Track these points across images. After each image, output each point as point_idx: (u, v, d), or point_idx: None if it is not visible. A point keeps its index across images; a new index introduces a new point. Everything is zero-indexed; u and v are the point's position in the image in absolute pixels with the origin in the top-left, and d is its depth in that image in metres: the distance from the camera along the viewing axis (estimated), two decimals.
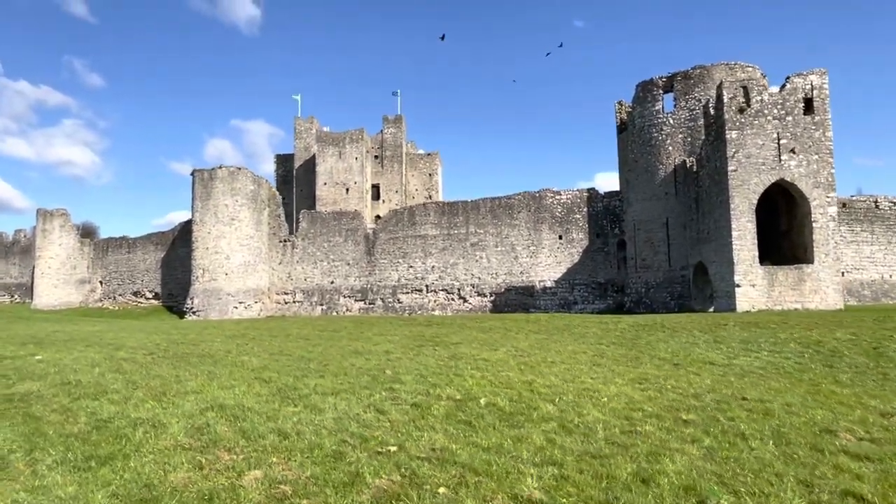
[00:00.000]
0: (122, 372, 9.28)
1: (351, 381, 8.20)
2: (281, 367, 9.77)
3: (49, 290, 50.55)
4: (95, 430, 5.83)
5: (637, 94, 33.65)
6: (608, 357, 10.75)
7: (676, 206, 31.34)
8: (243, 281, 40.15)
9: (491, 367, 9.45)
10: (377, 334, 15.70)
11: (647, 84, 33.18)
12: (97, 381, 8.36)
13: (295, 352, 11.84)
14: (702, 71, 31.34)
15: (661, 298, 31.60)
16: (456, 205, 39.28)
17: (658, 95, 32.67)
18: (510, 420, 6.49)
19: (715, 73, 31.00)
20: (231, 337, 14.97)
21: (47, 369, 9.36)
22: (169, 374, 8.98)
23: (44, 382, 8.23)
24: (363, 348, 12.38)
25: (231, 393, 7.53)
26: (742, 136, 23.72)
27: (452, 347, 12.24)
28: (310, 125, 75.26)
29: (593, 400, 7.33)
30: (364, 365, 10.04)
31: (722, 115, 24.19)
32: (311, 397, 7.25)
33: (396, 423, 6.27)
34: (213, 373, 9.07)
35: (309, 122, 75.48)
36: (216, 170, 40.53)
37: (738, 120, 23.79)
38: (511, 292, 37.07)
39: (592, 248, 36.03)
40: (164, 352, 11.65)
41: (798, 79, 23.60)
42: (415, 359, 10.58)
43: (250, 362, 10.22)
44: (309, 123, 75.50)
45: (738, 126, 23.80)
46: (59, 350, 11.47)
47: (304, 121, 75.48)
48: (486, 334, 15.29)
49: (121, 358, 10.77)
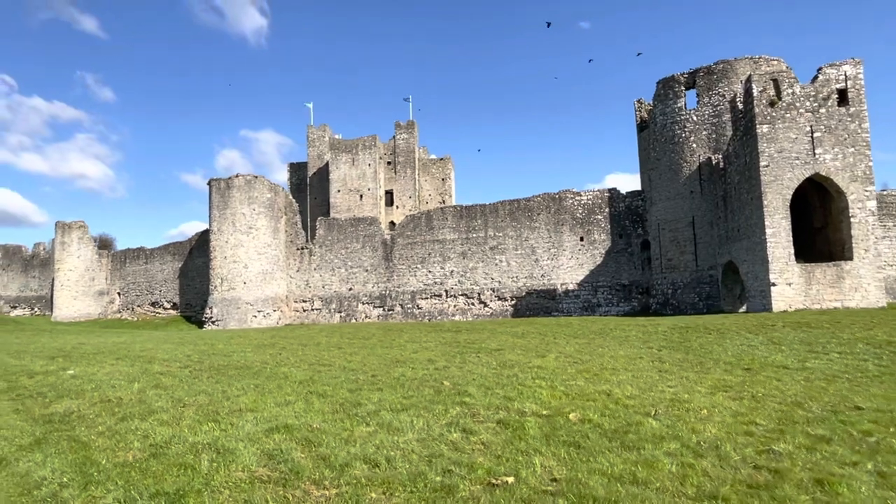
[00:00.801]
0: (163, 387, 8.93)
1: (412, 395, 7.71)
2: (328, 380, 9.35)
3: (68, 302, 50.81)
4: (153, 457, 5.35)
5: (658, 92, 32.99)
6: (668, 362, 10.14)
7: (702, 205, 30.59)
8: (261, 290, 39.96)
9: (551, 375, 8.90)
10: (409, 341, 15.22)
11: (668, 81, 32.53)
12: (140, 399, 8.01)
13: (334, 362, 11.43)
14: (725, 66, 30.64)
15: (689, 299, 30.81)
16: (474, 208, 38.80)
17: (680, 92, 32.00)
18: (620, 440, 5.89)
19: (739, 68, 30.32)
20: (260, 347, 14.57)
21: (83, 385, 9.03)
22: (213, 390, 8.58)
23: (83, 400, 7.89)
24: (402, 356, 11.93)
25: (290, 410, 7.05)
26: (773, 131, 23.00)
27: (496, 354, 11.72)
28: (322, 133, 75.45)
29: (691, 412, 6.75)
30: (414, 375, 9.58)
31: (752, 109, 23.50)
32: (380, 414, 6.72)
33: (492, 445, 5.68)
34: (260, 387, 8.65)
35: (321, 130, 75.67)
36: (233, 178, 40.48)
37: (769, 114, 23.09)
38: (532, 296, 36.45)
39: (615, 249, 35.34)
40: (199, 364, 11.29)
41: (831, 69, 22.86)
42: (463, 367, 10.07)
43: (293, 374, 9.78)
44: (321, 131, 75.69)
45: (769, 120, 23.09)
46: (90, 364, 11.16)
47: (316, 129, 75.69)
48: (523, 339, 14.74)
49: (157, 372, 10.41)
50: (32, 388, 8.91)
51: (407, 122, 72.34)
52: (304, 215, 60.76)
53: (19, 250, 62.57)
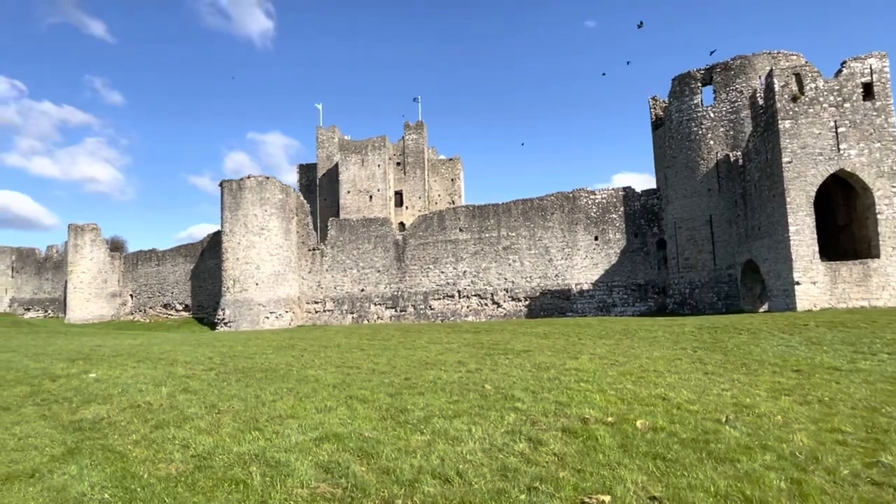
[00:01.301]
0: (192, 392, 8.67)
1: (457, 399, 7.36)
2: (362, 383, 9.05)
3: (82, 305, 51.04)
4: (197, 470, 4.99)
5: (674, 89, 32.54)
6: (710, 363, 9.73)
7: (720, 203, 30.11)
8: (273, 291, 39.86)
9: (593, 378, 8.55)
10: (430, 342, 14.92)
11: (683, 77, 32.08)
12: (170, 404, 7.75)
13: (360, 364, 11.17)
14: (742, 61, 30.14)
15: (708, 299, 30.31)
16: (486, 208, 38.48)
17: (696, 88, 31.54)
18: (704, 450, 5.40)
19: (757, 63, 29.82)
20: (280, 348, 14.32)
21: (109, 389, 8.79)
22: (245, 394, 8.31)
23: (111, 405, 7.66)
24: (429, 358, 11.65)
25: (334, 417, 6.71)
26: (796, 126, 22.51)
27: (526, 356, 11.36)
28: (332, 134, 75.48)
29: (764, 418, 6.30)
30: (449, 378, 9.25)
31: (773, 104, 23.02)
32: (431, 421, 6.32)
33: (566, 457, 5.21)
34: (294, 391, 8.36)
35: (331, 132, 75.71)
36: (244, 180, 40.42)
37: (792, 109, 22.60)
38: (546, 296, 36.07)
39: (630, 248, 34.88)
40: (223, 367, 11.06)
41: (855, 63, 22.34)
42: (497, 370, 9.74)
43: (324, 378, 9.51)
44: (331, 132, 75.73)
45: (791, 115, 22.61)
46: (111, 367, 10.96)
47: (325, 130, 75.74)
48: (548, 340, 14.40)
49: (182, 375, 10.16)
50: (56, 393, 8.66)
51: (416, 123, 72.20)
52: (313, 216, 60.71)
53: (33, 253, 63.05)
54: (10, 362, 11.94)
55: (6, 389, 9.15)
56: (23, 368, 11.02)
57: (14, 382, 9.63)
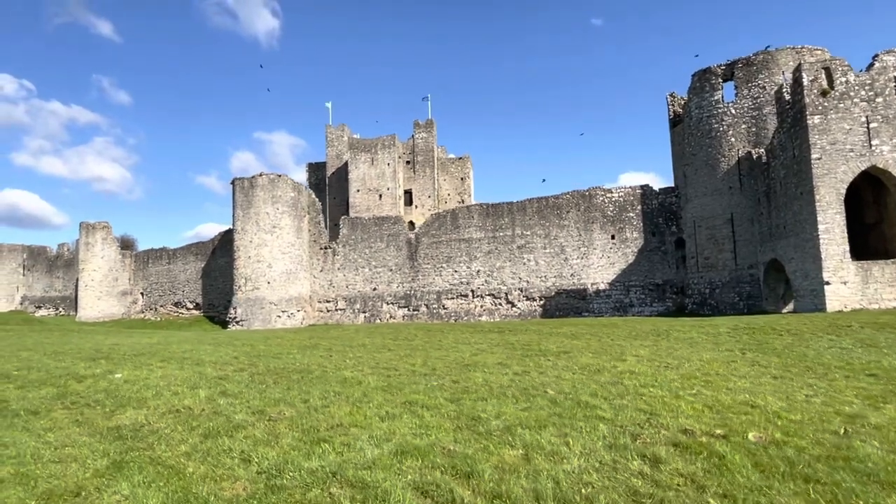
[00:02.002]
0: (231, 395, 8.22)
1: (527, 406, 6.82)
2: (410, 385, 8.60)
3: (92, 303, 51.01)
4: (270, 491, 4.41)
5: (693, 84, 31.92)
6: (771, 367, 9.19)
7: (742, 201, 29.47)
8: (285, 289, 39.57)
9: (657, 382, 8.00)
10: (457, 342, 14.43)
11: (704, 73, 31.46)
12: (213, 409, 7.29)
13: (396, 365, 10.73)
14: (765, 56, 29.49)
15: (729, 299, 29.68)
16: (501, 206, 38.00)
17: (717, 84, 30.92)
18: (851, 469, 4.72)
19: (780, 59, 29.18)
20: (304, 348, 13.91)
21: (141, 392, 8.38)
22: (290, 398, 7.86)
23: (148, 410, 7.25)
24: (466, 359, 11.22)
25: (403, 426, 6.18)
26: (826, 122, 21.90)
27: (566, 357, 10.86)
28: (341, 133, 75.24)
29: (883, 430, 5.69)
30: (500, 381, 8.76)
31: (802, 99, 22.41)
32: (515, 432, 5.70)
33: (698, 478, 4.59)
34: (344, 395, 7.92)
35: (340, 130, 75.46)
36: (256, 178, 40.16)
37: (821, 104, 21.98)
38: (562, 296, 35.55)
39: (648, 247, 34.30)
40: (253, 367, 10.65)
41: (888, 56, 21.70)
42: (546, 373, 9.23)
43: (366, 380, 9.07)
44: (340, 131, 75.48)
45: (820, 110, 21.99)
46: (136, 366, 10.61)
47: (335, 128, 75.50)
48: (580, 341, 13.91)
49: (214, 377, 9.73)
50: (86, 395, 8.30)
51: (426, 122, 71.81)
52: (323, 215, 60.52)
53: (44, 251, 63.17)
54: (30, 361, 11.59)
55: (32, 391, 8.78)
56: (44, 368, 10.65)
57: (38, 383, 9.25)
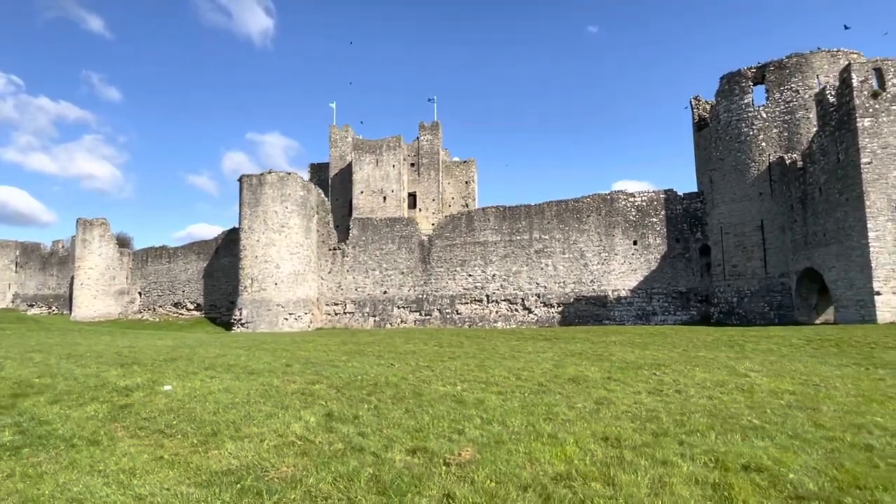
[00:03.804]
0: (344, 420, 6.77)
1: (795, 443, 5.55)
2: (546, 406, 7.41)
3: (88, 302, 49.26)
4: None
5: (722, 88, 31.09)
6: (884, 382, 8.15)
7: (773, 207, 28.59)
8: (293, 291, 38.18)
9: (820, 401, 6.95)
10: (517, 351, 13.17)
11: (733, 76, 30.64)
12: (345, 442, 5.79)
13: (486, 377, 9.46)
14: (798, 59, 28.70)
15: (758, 309, 28.71)
16: (518, 209, 36.92)
17: (747, 88, 30.10)
18: None
19: (814, 62, 28.41)
20: (353, 354, 12.58)
21: (224, 414, 6.87)
22: (437, 426, 6.47)
23: (253, 442, 5.70)
24: (561, 372, 9.99)
25: (541, 449, 5.12)
26: (877, 125, 21.04)
27: (671, 371, 9.46)
28: (345, 133, 74.13)
29: None
30: (659, 405, 7.59)
31: (850, 101, 21.55)
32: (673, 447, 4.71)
33: None
34: (494, 419, 6.65)
35: (344, 131, 74.37)
36: (265, 175, 38.84)
37: (872, 106, 21.13)
38: (581, 302, 34.45)
39: (671, 254, 33.31)
40: (326, 379, 9.27)
41: None
42: (686, 391, 8.01)
43: (488, 399, 7.76)
44: (344, 132, 74.38)
45: (871, 113, 21.13)
46: (182, 376, 9.24)
47: (339, 129, 74.37)
48: (649, 350, 12.77)
49: (295, 392, 8.28)
50: (149, 416, 6.84)
51: (431, 124, 70.86)
52: None
53: (37, 248, 61.31)
54: (48, 366, 10.16)
55: (73, 407, 7.29)
56: (70, 375, 9.27)
57: (75, 396, 7.86)
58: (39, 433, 6.30)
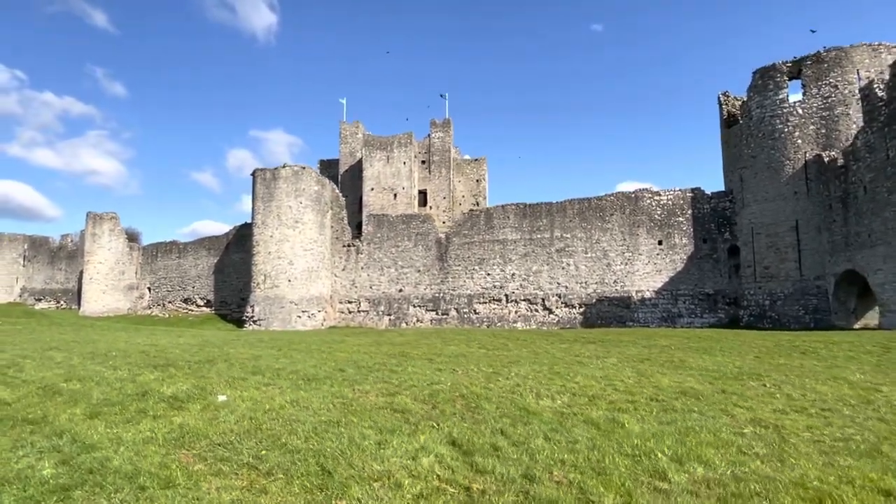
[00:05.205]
0: (483, 452, 5.64)
1: None
2: (647, 420, 6.59)
3: (97, 296, 48.56)
4: None
5: (755, 83, 30.02)
6: None
7: (809, 207, 27.52)
8: (307, 288, 37.32)
9: None
10: (573, 355, 12.17)
11: (767, 70, 29.56)
12: (528, 493, 4.61)
13: (552, 384, 8.58)
14: (838, 53, 27.62)
15: (793, 312, 27.64)
16: (539, 207, 35.94)
17: (782, 83, 29.02)
18: None
19: (854, 56, 27.33)
20: (396, 357, 11.52)
21: (315, 443, 5.61)
22: (595, 457, 5.41)
23: (390, 491, 4.52)
24: (656, 382, 9.14)
25: None
26: None
27: (788, 385, 8.60)
28: (355, 129, 73.36)
29: None
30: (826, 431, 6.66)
31: None
32: None
33: None
34: (615, 447, 5.71)
35: (354, 127, 73.60)
36: (279, 169, 37.97)
37: None
38: (604, 303, 33.45)
39: (698, 254, 32.27)
40: (385, 384, 8.35)
41: None
42: (811, 406, 7.11)
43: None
44: (354, 128, 73.62)
45: None
46: (229, 384, 8.14)
47: (349, 125, 73.62)
48: (717, 357, 11.77)
49: (375, 406, 7.16)
50: (222, 441, 5.53)
51: (443, 121, 70.00)
52: None
53: (46, 242, 60.68)
54: (72, 367, 9.09)
55: (123, 426, 6.05)
56: (101, 379, 8.25)
57: (122, 410, 6.74)
58: (89, 465, 5.00)
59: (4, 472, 4.80)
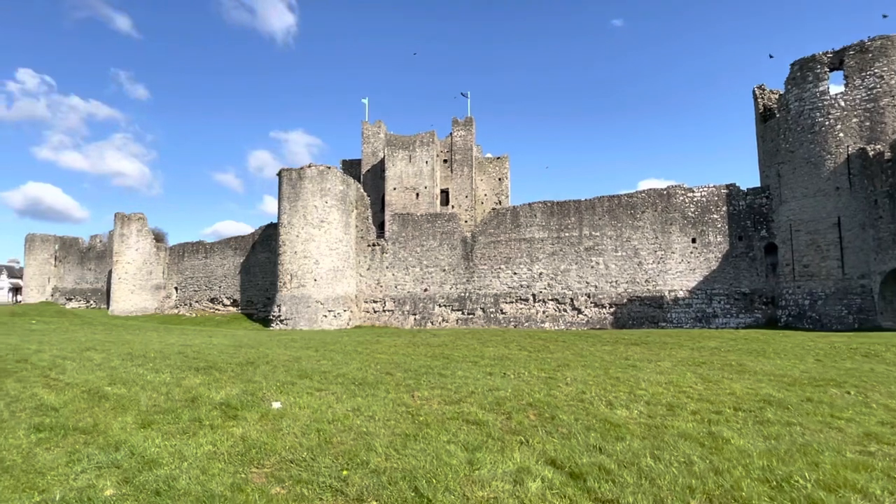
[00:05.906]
0: (595, 476, 5.05)
1: None
2: (744, 435, 6.05)
3: (125, 296, 49.32)
4: None
5: (793, 75, 28.96)
6: None
7: (852, 203, 26.43)
8: (332, 288, 37.26)
9: None
10: (634, 358, 11.52)
11: (806, 62, 28.49)
12: None
13: (616, 390, 8.19)
14: (884, 42, 26.48)
15: (835, 312, 26.59)
16: (567, 204, 35.29)
17: (822, 74, 27.93)
18: None
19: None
20: (438, 359, 11.19)
21: (398, 461, 5.20)
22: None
23: None
24: (737, 392, 8.54)
25: None
26: None
27: (849, 391, 8.09)
28: (377, 129, 73.42)
29: None
30: None
31: None
32: None
33: None
34: (738, 470, 5.11)
35: (376, 127, 73.66)
36: (304, 169, 37.98)
37: None
38: (635, 303, 32.68)
39: (733, 252, 31.29)
40: (442, 390, 7.95)
41: None
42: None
43: (679, 428, 6.35)
44: (376, 127, 73.68)
45: None
46: (280, 389, 7.81)
47: (371, 125, 73.69)
48: (787, 360, 11.16)
49: (442, 416, 6.72)
50: (294, 457, 5.09)
51: (465, 119, 69.60)
52: None
53: (76, 242, 61.92)
54: (113, 369, 8.88)
55: (180, 437, 5.69)
56: (147, 384, 7.92)
57: (175, 419, 6.44)
58: (153, 485, 4.57)
59: (64, 492, 4.49)
